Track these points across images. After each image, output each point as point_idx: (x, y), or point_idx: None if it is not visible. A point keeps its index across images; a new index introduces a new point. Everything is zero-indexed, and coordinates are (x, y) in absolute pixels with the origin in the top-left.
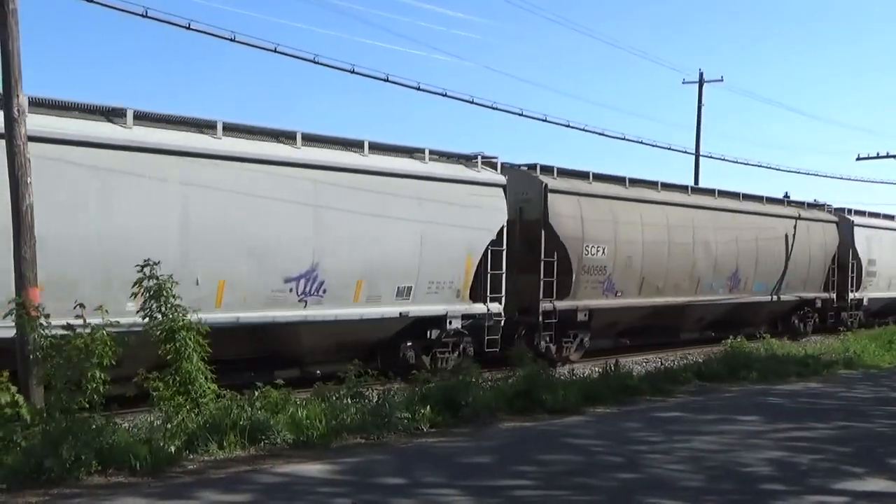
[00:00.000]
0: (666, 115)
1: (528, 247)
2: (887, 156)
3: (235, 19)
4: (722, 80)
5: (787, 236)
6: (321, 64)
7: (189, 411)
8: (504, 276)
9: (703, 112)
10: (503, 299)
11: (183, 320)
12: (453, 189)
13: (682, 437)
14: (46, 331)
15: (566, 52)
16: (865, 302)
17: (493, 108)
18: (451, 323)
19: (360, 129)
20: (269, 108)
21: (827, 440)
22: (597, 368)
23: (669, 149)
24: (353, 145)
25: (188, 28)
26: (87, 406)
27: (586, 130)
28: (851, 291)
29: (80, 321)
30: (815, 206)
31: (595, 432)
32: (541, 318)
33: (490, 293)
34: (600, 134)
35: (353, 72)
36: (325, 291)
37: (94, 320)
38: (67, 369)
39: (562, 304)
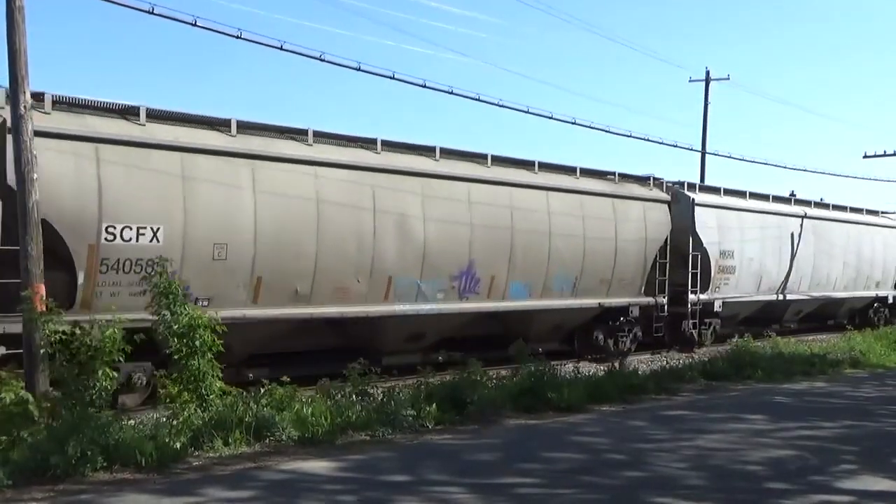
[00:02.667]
0: (672, 114)
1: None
2: (894, 154)
3: (241, 17)
4: (728, 79)
5: (577, 218)
6: (328, 61)
7: (196, 408)
8: None
9: (710, 110)
10: None
11: (201, 317)
12: None
13: (687, 436)
14: (56, 326)
15: (572, 50)
16: (718, 307)
17: (499, 106)
18: None
19: (368, 127)
20: (273, 105)
21: (833, 439)
22: (603, 369)
23: (675, 146)
24: None
25: (194, 25)
26: (94, 403)
27: (592, 128)
28: (693, 293)
29: (86, 317)
30: (632, 178)
31: (600, 430)
32: None
33: None
34: (606, 131)
35: (359, 69)
36: None
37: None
38: (75, 366)
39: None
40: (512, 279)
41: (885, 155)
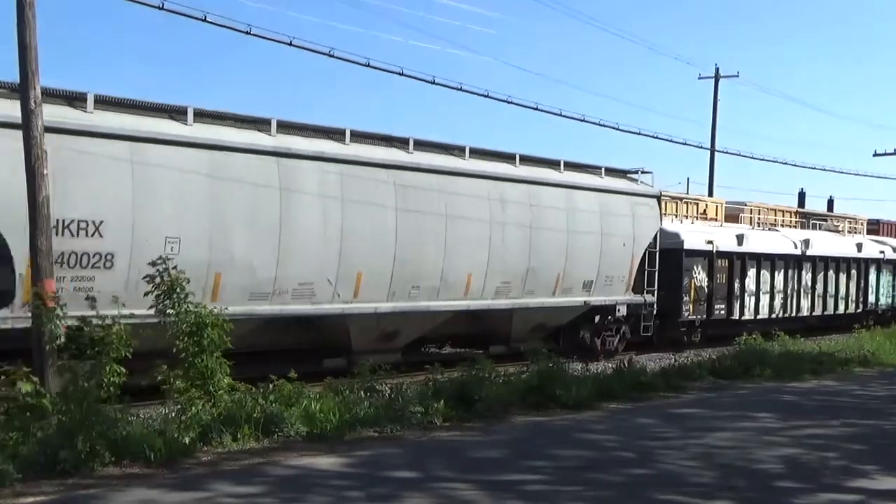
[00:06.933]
0: (682, 111)
1: None
2: None
3: (251, 13)
4: (738, 76)
5: None
6: (336, 57)
7: (204, 404)
8: None
9: (719, 107)
10: None
11: (210, 316)
12: None
13: (695, 434)
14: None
15: (581, 47)
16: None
17: (508, 103)
18: None
19: (373, 124)
20: (281, 102)
21: (841, 438)
22: (610, 365)
23: (685, 144)
24: None
25: (204, 20)
26: (104, 398)
27: (601, 125)
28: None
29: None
30: None
31: (608, 428)
32: None
33: None
34: (615, 129)
35: (368, 65)
36: None
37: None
38: (84, 361)
39: None
40: None
41: (895, 153)
